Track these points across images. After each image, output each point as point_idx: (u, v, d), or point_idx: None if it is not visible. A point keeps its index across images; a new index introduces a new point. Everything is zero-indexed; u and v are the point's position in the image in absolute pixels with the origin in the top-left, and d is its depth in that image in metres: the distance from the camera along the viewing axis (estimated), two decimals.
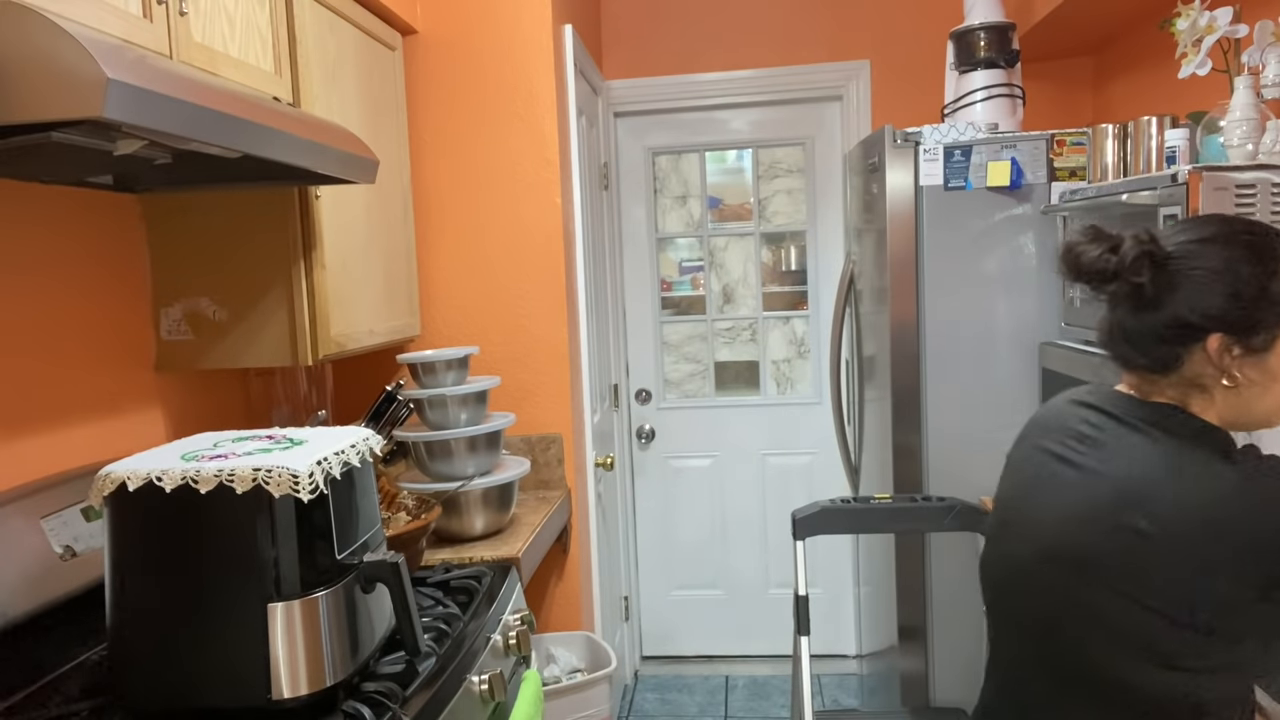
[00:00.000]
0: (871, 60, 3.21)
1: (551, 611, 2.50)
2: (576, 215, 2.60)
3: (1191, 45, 1.75)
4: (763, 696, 3.27)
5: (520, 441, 2.46)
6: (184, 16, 1.36)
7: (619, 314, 3.41)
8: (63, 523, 1.41)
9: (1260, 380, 1.09)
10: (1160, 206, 1.63)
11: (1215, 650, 1.06)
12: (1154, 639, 1.08)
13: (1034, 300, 2.26)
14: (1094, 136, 2.17)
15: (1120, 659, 1.11)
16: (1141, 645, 1.09)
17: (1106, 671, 1.13)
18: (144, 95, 0.98)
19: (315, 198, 1.76)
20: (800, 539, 2.03)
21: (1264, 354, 1.08)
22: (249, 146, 1.22)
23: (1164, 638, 1.07)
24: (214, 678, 1.15)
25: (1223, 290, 1.08)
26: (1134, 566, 1.08)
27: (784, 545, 3.49)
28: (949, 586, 2.35)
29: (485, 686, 1.45)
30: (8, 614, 1.28)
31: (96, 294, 1.64)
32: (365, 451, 1.32)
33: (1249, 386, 1.09)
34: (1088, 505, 1.13)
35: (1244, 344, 1.08)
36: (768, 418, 3.46)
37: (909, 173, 2.29)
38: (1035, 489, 1.23)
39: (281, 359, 1.77)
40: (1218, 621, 1.05)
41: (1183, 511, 1.06)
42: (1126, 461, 1.12)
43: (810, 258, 3.39)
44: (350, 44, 2.00)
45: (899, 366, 2.35)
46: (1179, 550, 1.06)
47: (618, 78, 3.30)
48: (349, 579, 1.24)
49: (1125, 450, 1.13)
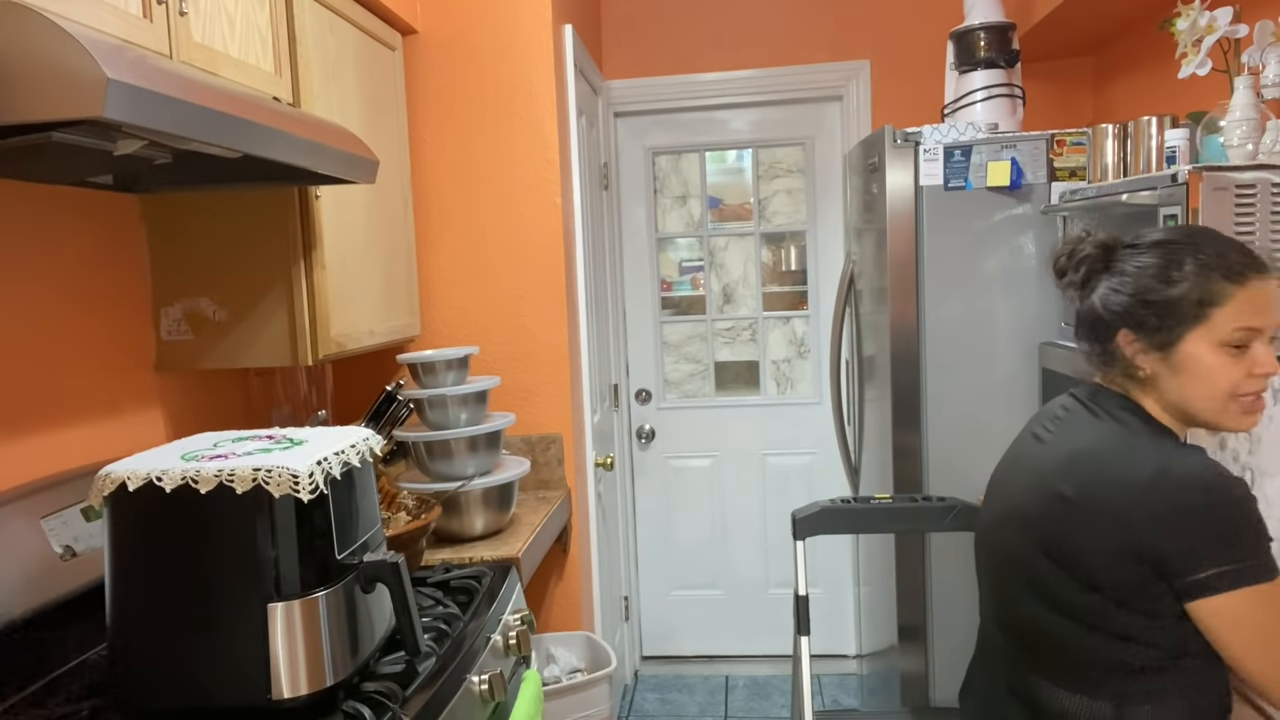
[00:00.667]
0: (871, 60, 3.21)
1: (551, 611, 2.50)
2: (576, 215, 2.60)
3: (1191, 45, 1.75)
4: (763, 696, 3.27)
5: (520, 441, 2.46)
6: (184, 16, 1.36)
7: (619, 314, 3.41)
8: (63, 523, 1.41)
9: (1170, 375, 1.21)
10: (1160, 206, 1.63)
11: (1134, 622, 1.17)
12: (1070, 598, 1.21)
13: (1034, 300, 2.26)
14: (1094, 136, 2.17)
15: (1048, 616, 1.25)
16: (1061, 602, 1.22)
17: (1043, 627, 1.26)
18: (144, 95, 0.98)
19: (315, 198, 1.76)
20: (800, 539, 2.03)
21: (1167, 351, 1.21)
22: (249, 146, 1.22)
23: (1078, 600, 1.20)
24: (214, 678, 1.15)
25: (1128, 291, 1.22)
26: (1056, 529, 1.23)
27: (784, 545, 3.49)
28: (949, 586, 2.35)
29: (485, 686, 1.45)
30: (8, 614, 1.28)
31: (96, 294, 1.64)
32: (365, 451, 1.32)
33: (1165, 381, 1.22)
34: (1036, 474, 1.29)
35: (1146, 340, 1.22)
36: (768, 418, 3.46)
37: (909, 173, 2.29)
38: (1013, 464, 1.38)
39: (281, 359, 1.77)
40: (1124, 593, 1.17)
41: (1098, 483, 1.19)
42: (1074, 437, 1.27)
43: (810, 258, 3.39)
44: (350, 44, 2.00)
45: (899, 366, 2.35)
46: (1090, 518, 1.19)
47: (618, 78, 3.30)
48: (349, 579, 1.24)
49: (1078, 428, 1.28)
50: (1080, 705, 1.23)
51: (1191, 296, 1.18)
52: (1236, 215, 1.55)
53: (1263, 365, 1.18)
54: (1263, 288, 1.19)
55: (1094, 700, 1.22)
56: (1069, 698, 1.24)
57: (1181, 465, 1.15)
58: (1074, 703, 1.24)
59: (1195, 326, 1.19)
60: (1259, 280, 1.19)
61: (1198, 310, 1.18)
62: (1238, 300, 1.18)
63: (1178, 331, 1.19)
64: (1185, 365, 1.20)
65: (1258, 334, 1.18)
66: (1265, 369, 1.18)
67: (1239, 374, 1.18)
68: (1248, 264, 1.19)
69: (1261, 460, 1.54)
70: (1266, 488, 1.53)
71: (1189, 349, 1.19)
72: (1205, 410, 1.21)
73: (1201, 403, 1.21)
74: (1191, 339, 1.19)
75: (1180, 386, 1.21)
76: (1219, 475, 1.14)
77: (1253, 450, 1.54)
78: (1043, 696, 1.28)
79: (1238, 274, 1.18)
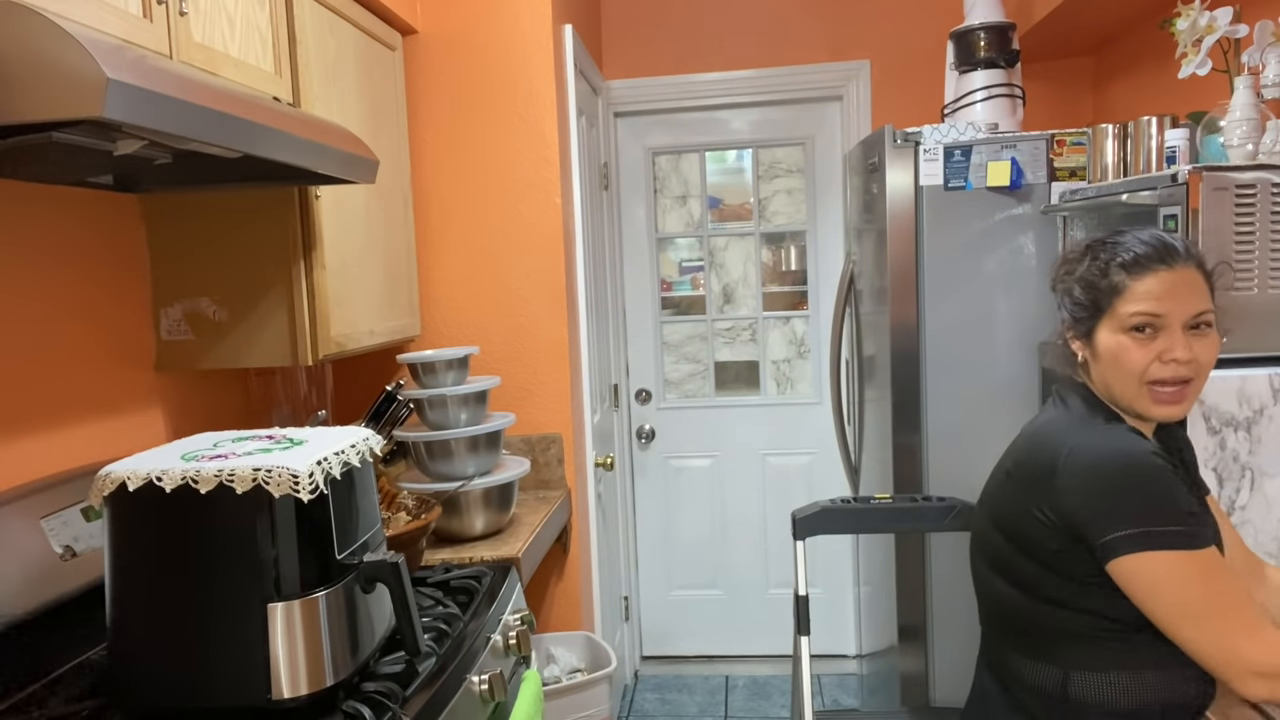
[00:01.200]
0: (871, 60, 3.21)
1: (551, 611, 2.50)
2: (576, 215, 2.60)
3: (1191, 45, 1.75)
4: (763, 696, 3.27)
5: (520, 441, 2.46)
6: (184, 16, 1.36)
7: (619, 314, 3.41)
8: (63, 523, 1.41)
9: (1094, 362, 1.33)
10: (1160, 206, 1.63)
11: (1067, 587, 1.27)
12: (1016, 567, 1.33)
13: (1034, 300, 2.26)
14: (1094, 136, 2.17)
15: (1004, 587, 1.36)
16: (1010, 571, 1.34)
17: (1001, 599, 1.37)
18: (144, 95, 0.98)
19: (315, 198, 1.76)
20: (800, 539, 2.03)
21: (1089, 340, 1.33)
22: (249, 146, 1.22)
23: (1021, 568, 1.32)
24: (214, 677, 1.15)
25: (1064, 289, 1.37)
26: (1002, 502, 1.37)
27: (784, 545, 3.49)
28: (949, 586, 2.35)
29: (485, 686, 1.45)
30: (8, 614, 1.28)
31: (97, 294, 1.64)
32: (365, 451, 1.32)
33: (1092, 366, 1.34)
34: (1004, 456, 1.43)
35: (1074, 329, 1.35)
36: (768, 418, 3.46)
37: (909, 173, 2.29)
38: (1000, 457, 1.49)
39: (281, 359, 1.77)
40: (1054, 560, 1.27)
41: (1031, 457, 1.33)
42: (1037, 423, 1.40)
43: (810, 258, 3.39)
44: (350, 44, 2.00)
45: (899, 366, 2.35)
46: (1021, 487, 1.32)
47: (618, 78, 3.30)
48: (349, 579, 1.24)
49: (1042, 415, 1.41)
50: (1033, 671, 1.33)
51: (1098, 286, 1.31)
52: (1236, 215, 1.55)
53: (1170, 351, 1.25)
54: (1168, 277, 1.26)
55: (1045, 665, 1.31)
56: (1026, 664, 1.34)
57: (1102, 439, 1.26)
58: (1029, 669, 1.33)
59: (1103, 316, 1.30)
60: (1164, 271, 1.26)
61: (1106, 300, 1.30)
62: (1136, 291, 1.27)
63: (1092, 322, 1.32)
64: (1100, 352, 1.31)
65: (1158, 319, 1.26)
66: (1172, 354, 1.25)
67: (1146, 358, 1.26)
68: (1153, 256, 1.27)
69: (1261, 460, 1.54)
70: (1267, 488, 1.53)
71: (1101, 336, 1.31)
72: (1124, 394, 1.30)
73: (1119, 385, 1.30)
74: (1102, 328, 1.31)
75: (1102, 372, 1.32)
76: (1135, 448, 1.23)
77: (1253, 450, 1.54)
78: (1009, 667, 1.38)
79: (1139, 266, 1.27)
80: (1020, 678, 1.35)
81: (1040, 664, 1.31)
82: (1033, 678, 1.33)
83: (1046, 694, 1.31)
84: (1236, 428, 1.55)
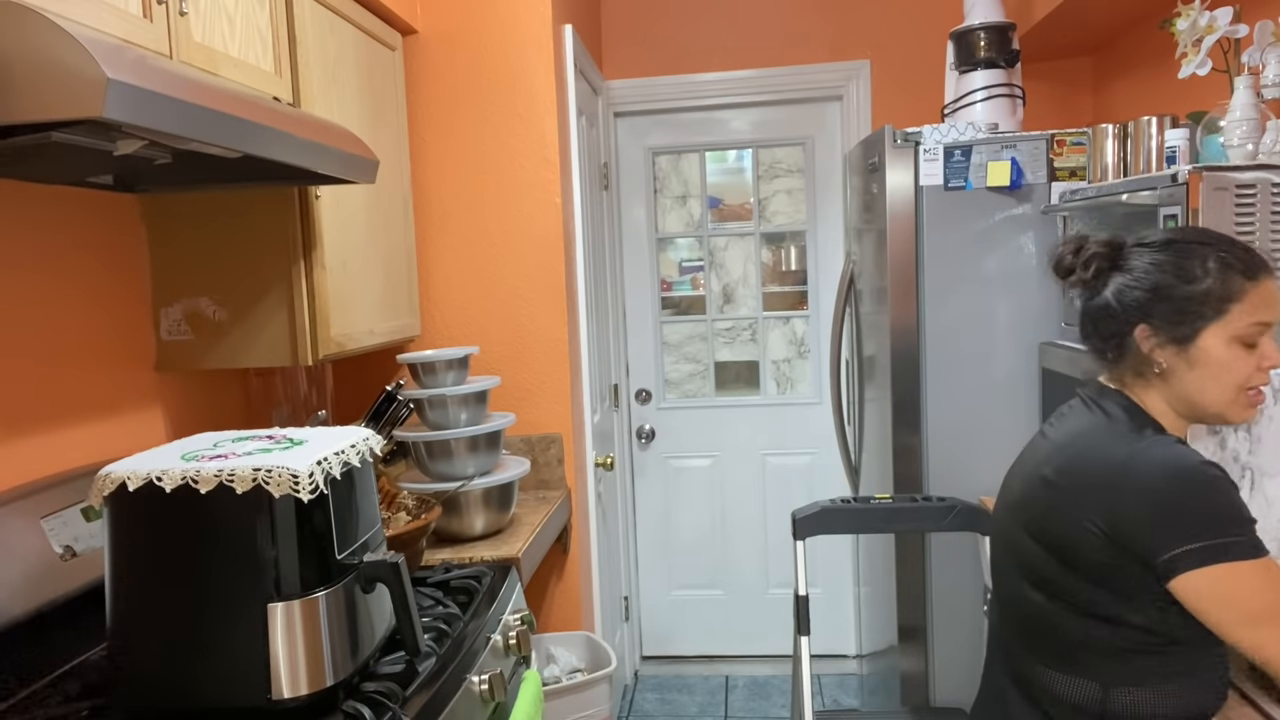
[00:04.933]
0: (871, 60, 3.21)
1: (551, 611, 2.50)
2: (576, 215, 2.60)
3: (1191, 45, 1.75)
4: (763, 696, 3.27)
5: (520, 441, 2.46)
6: (184, 16, 1.36)
7: (619, 314, 3.41)
8: (63, 523, 1.41)
9: (1186, 369, 1.25)
10: (1160, 206, 1.63)
11: (1113, 602, 1.22)
12: (1054, 579, 1.27)
13: (1034, 300, 2.26)
14: (1094, 136, 2.16)
15: (1037, 598, 1.30)
16: (1046, 583, 1.28)
17: (1034, 610, 1.31)
18: (144, 95, 0.98)
19: (315, 198, 1.76)
20: (800, 539, 2.03)
21: (1185, 345, 1.24)
22: (249, 146, 1.22)
23: (1060, 581, 1.26)
24: (214, 677, 1.15)
25: (1145, 287, 1.26)
26: (1038, 510, 1.30)
27: (784, 545, 3.49)
28: (949, 586, 2.35)
29: (485, 686, 1.45)
30: (8, 614, 1.28)
31: (96, 294, 1.64)
32: (365, 451, 1.32)
33: (1179, 374, 1.26)
34: (1032, 463, 1.36)
35: (1165, 334, 1.25)
36: (768, 418, 3.46)
37: (909, 173, 2.29)
38: (1020, 460, 1.43)
39: (281, 359, 1.77)
40: (1101, 573, 1.22)
41: (1076, 466, 1.26)
42: (1067, 428, 1.33)
43: (810, 258, 3.39)
44: (350, 44, 2.00)
45: (899, 366, 2.35)
46: (1066, 498, 1.26)
47: (618, 78, 3.30)
48: (349, 579, 1.24)
49: (1073, 421, 1.34)
50: (1069, 686, 1.27)
51: (1214, 292, 1.23)
52: (1236, 215, 1.55)
53: (1270, 358, 1.23)
54: (1272, 285, 1.24)
55: (1083, 681, 1.26)
56: (1060, 679, 1.28)
57: (1155, 450, 1.20)
58: (1064, 684, 1.28)
59: (1214, 321, 1.23)
60: (1268, 278, 1.24)
61: (1218, 305, 1.22)
62: (1253, 297, 1.22)
63: (1197, 326, 1.23)
64: (1201, 359, 1.24)
65: (1268, 329, 1.24)
66: (1272, 361, 1.23)
67: (1250, 367, 1.23)
68: (1260, 263, 1.25)
69: (1261, 460, 1.54)
70: (1267, 487, 1.53)
71: (1206, 343, 1.23)
72: (1216, 402, 1.25)
73: (1213, 394, 1.25)
74: (1209, 333, 1.23)
75: (1196, 379, 1.25)
76: (1191, 459, 1.19)
77: (1253, 450, 1.54)
78: (1038, 680, 1.32)
79: (1254, 271, 1.23)
80: (1050, 691, 1.30)
81: (1076, 678, 1.26)
82: (1066, 692, 1.27)
83: (1082, 709, 1.26)
84: (1236, 428, 1.55)
